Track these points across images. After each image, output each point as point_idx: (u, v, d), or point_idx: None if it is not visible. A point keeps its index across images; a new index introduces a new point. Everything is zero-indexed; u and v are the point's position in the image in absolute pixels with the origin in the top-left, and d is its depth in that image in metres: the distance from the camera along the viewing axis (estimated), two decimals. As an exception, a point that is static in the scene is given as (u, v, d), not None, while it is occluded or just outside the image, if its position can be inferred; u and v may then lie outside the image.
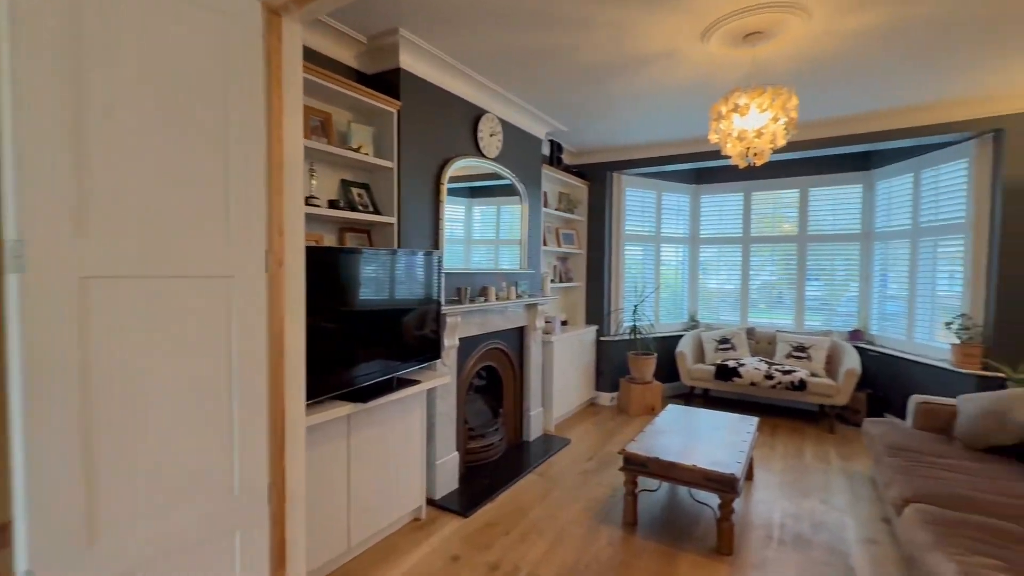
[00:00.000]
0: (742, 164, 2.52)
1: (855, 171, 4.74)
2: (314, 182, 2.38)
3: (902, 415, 4.07)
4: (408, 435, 2.56)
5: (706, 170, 5.42)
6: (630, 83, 3.14)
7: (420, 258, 2.59)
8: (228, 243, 1.31)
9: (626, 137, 4.46)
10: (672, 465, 2.51)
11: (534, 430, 3.92)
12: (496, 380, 3.67)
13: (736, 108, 2.33)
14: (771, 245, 5.21)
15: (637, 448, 2.68)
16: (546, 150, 4.41)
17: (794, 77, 3.01)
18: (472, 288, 3.20)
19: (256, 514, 1.40)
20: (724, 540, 2.39)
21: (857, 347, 4.50)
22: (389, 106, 2.60)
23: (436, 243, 2.95)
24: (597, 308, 5.01)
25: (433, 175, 2.93)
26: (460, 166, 3.10)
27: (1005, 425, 2.58)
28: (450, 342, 2.88)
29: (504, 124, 3.53)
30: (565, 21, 2.37)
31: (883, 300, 4.55)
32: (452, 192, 3.06)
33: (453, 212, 3.11)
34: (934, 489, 2.22)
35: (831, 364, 4.47)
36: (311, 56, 2.44)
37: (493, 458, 3.45)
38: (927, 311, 4.04)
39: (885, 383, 4.32)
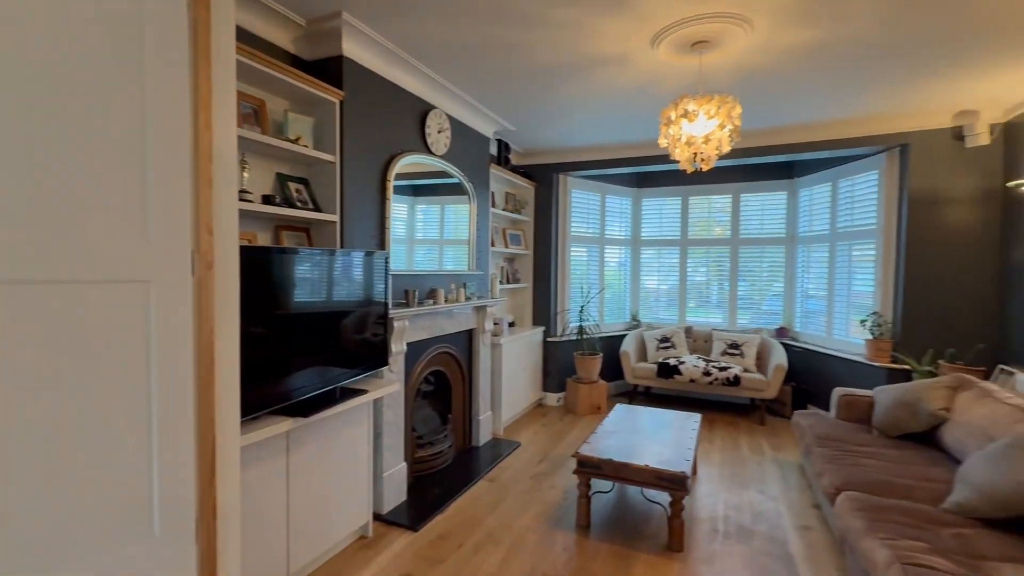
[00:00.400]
0: (689, 169, 2.58)
1: (780, 179, 5.08)
2: (246, 175, 2.16)
3: (824, 406, 4.40)
4: (353, 449, 2.40)
5: (647, 174, 5.59)
6: (580, 85, 3.14)
7: (366, 259, 2.43)
8: (145, 243, 1.13)
9: (573, 139, 4.49)
10: (624, 466, 2.53)
11: (483, 435, 3.84)
12: (444, 385, 3.55)
13: (685, 114, 2.38)
14: (706, 247, 5.46)
15: (590, 450, 2.68)
16: (494, 149, 4.34)
17: (735, 87, 3.15)
18: (420, 290, 3.07)
19: (182, 557, 1.22)
20: (675, 537, 2.44)
21: (783, 343, 4.82)
22: (331, 95, 2.42)
23: (382, 243, 2.79)
24: (544, 309, 5.02)
25: (379, 171, 2.77)
26: (407, 163, 2.96)
27: (916, 414, 2.84)
28: (398, 347, 2.73)
29: (452, 121, 3.42)
30: (519, 17, 2.31)
31: (805, 299, 4.90)
32: (395, 190, 2.91)
33: (397, 211, 2.96)
34: (861, 477, 2.39)
35: (761, 360, 4.75)
36: (242, 36, 2.21)
37: (442, 466, 3.33)
38: (843, 309, 4.40)
39: (808, 377, 4.65)
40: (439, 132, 3.25)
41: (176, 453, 1.20)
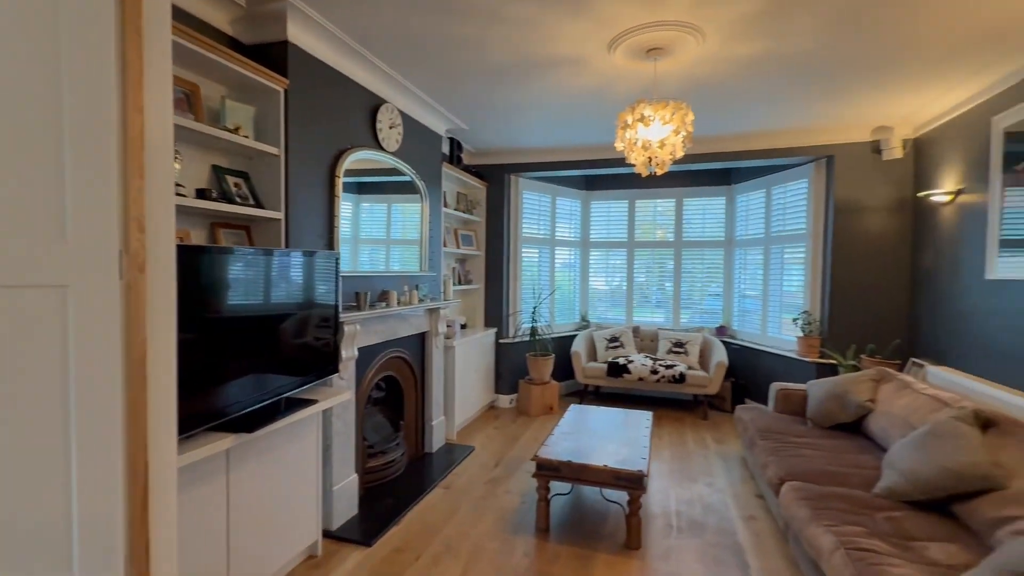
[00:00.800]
0: (644, 172, 2.63)
1: (719, 185, 5.34)
2: (177, 166, 1.96)
3: (760, 400, 4.67)
4: (301, 463, 2.24)
5: (596, 177, 5.70)
6: (536, 85, 3.12)
7: (314, 260, 2.28)
8: (62, 242, 0.97)
9: (526, 140, 4.48)
10: (584, 467, 2.54)
11: (436, 440, 3.74)
12: (396, 390, 3.42)
13: (642, 118, 2.42)
14: (651, 249, 5.65)
15: (548, 453, 2.67)
16: (446, 148, 4.25)
17: (684, 95, 3.26)
18: (372, 293, 2.93)
19: (107, 599, 1.06)
20: (633, 535, 2.48)
21: (723, 341, 5.07)
22: (275, 83, 2.25)
23: (331, 243, 2.64)
24: (496, 310, 4.97)
25: (327, 167, 2.61)
26: (357, 159, 2.81)
27: (845, 406, 3.06)
28: (348, 353, 2.59)
29: (404, 117, 3.30)
30: (478, 12, 2.25)
31: (742, 299, 5.19)
32: (343, 188, 2.76)
33: (345, 210, 2.81)
34: (801, 467, 2.54)
35: (703, 357, 4.96)
36: (173, 13, 2.00)
37: (395, 475, 3.20)
38: (777, 309, 4.69)
39: (745, 372, 4.92)
40: (391, 128, 3.13)
41: (101, 481, 1.05)
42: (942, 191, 3.37)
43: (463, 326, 4.72)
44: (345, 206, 2.79)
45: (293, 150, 2.37)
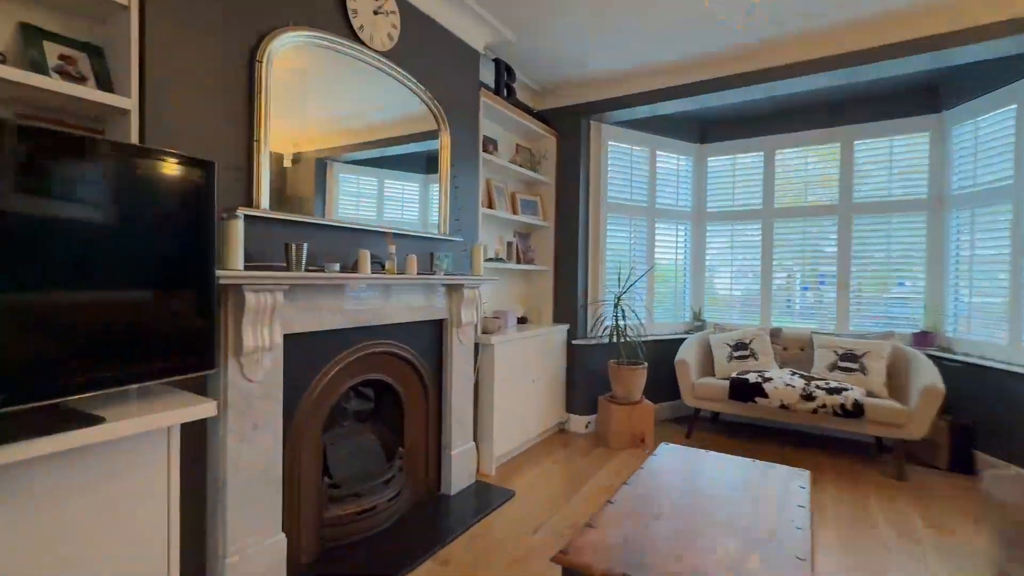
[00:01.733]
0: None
1: (918, 113, 3.47)
2: None
3: (1007, 450, 2.75)
4: (114, 524, 1.27)
5: (714, 124, 4.18)
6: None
7: (142, 170, 1.31)
8: None
9: (607, 60, 3.20)
10: (660, 591, 1.22)
11: (460, 477, 2.61)
12: (392, 402, 2.38)
13: None
14: (801, 219, 3.92)
15: (588, 549, 1.38)
16: (490, 76, 3.15)
17: None
18: (333, 251, 1.93)
19: None
20: None
21: (931, 355, 3.19)
22: None
23: (250, 167, 1.69)
24: (569, 301, 3.73)
25: (246, 46, 1.68)
26: (302, 43, 1.84)
27: None
28: (256, 340, 1.60)
29: (405, 5, 2.29)
30: None
31: (962, 291, 3.24)
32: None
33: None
34: None
35: (896, 379, 3.15)
36: None
37: (377, 529, 2.15)
38: (1043, 302, 2.74)
39: (978, 407, 3.00)
40: (376, 13, 2.12)
41: None
42: None
43: (521, 320, 3.57)
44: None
45: (161, 9, 1.47)
